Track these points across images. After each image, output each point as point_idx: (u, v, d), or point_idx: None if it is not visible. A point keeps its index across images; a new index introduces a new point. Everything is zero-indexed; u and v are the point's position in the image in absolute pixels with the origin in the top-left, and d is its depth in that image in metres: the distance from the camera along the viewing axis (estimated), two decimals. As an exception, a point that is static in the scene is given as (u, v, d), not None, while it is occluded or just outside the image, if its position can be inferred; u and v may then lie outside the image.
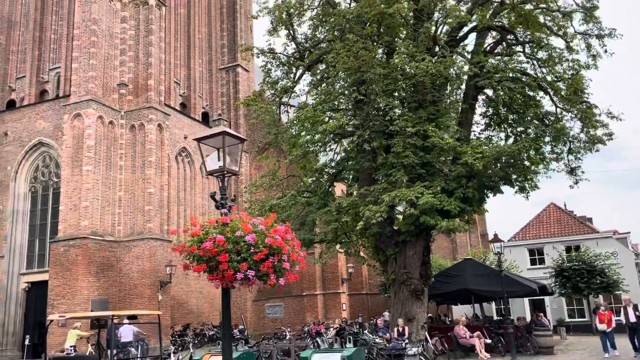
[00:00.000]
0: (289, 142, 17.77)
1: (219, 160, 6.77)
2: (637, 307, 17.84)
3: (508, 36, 17.63)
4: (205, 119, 34.91)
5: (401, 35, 17.00)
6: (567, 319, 29.04)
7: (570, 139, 17.30)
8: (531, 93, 16.87)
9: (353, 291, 35.00)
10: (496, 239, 19.63)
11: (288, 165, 19.35)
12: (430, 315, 21.52)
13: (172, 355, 19.04)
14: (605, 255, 27.35)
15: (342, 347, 14.84)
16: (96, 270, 24.52)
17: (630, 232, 37.56)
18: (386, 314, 24.32)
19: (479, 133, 18.13)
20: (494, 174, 15.64)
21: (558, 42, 17.78)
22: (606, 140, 16.82)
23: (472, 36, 17.74)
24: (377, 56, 16.40)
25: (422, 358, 14.81)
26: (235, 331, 25.05)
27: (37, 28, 31.14)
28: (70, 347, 18.49)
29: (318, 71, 18.21)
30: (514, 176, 16.20)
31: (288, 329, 25.97)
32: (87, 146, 25.22)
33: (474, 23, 16.71)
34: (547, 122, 16.95)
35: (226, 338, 6.46)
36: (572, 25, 16.99)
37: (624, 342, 17.05)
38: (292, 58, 18.70)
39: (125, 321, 18.98)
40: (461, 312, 27.21)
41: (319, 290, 31.90)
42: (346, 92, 16.70)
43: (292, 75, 18.93)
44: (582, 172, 17.60)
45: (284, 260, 5.85)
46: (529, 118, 17.08)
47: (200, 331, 27.89)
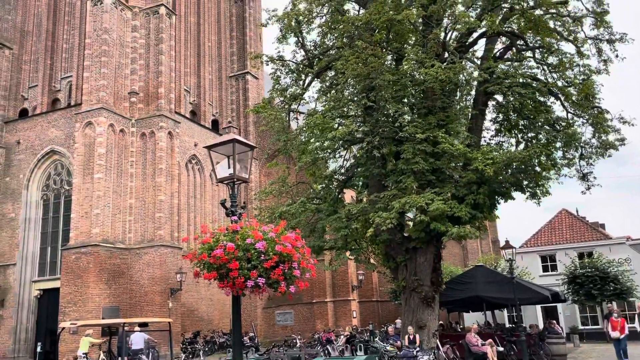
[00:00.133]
0: (299, 149, 17.78)
1: (229, 167, 6.79)
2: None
3: (518, 42, 17.55)
4: (215, 127, 35.08)
5: (410, 41, 16.98)
6: (581, 327, 28.68)
7: (581, 145, 17.13)
8: (542, 98, 16.74)
9: (363, 298, 34.87)
10: (508, 246, 19.47)
11: (297, 172, 19.35)
12: (441, 322, 21.35)
13: (183, 362, 19.04)
14: (618, 261, 27.02)
15: (353, 355, 14.78)
16: (107, 277, 24.64)
17: (643, 238, 37.02)
18: (398, 322, 24.18)
19: (490, 139, 18.02)
20: (505, 180, 15.53)
21: (568, 47, 17.74)
22: (618, 145, 16.65)
23: (482, 42, 17.68)
24: (386, 63, 16.39)
25: (434, 366, 14.69)
26: (245, 339, 25.03)
27: (50, 38, 31.53)
28: (82, 355, 18.58)
29: (327, 78, 18.23)
30: (525, 182, 16.06)
31: (298, 337, 25.90)
32: (99, 154, 25.44)
33: (484, 29, 16.65)
34: (558, 128, 16.81)
35: (237, 345, 6.45)
36: (583, 30, 16.89)
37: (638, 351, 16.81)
38: (301, 65, 18.75)
39: (136, 328, 19.03)
40: (473, 320, 26.97)
41: (329, 297, 31.80)
42: (355, 99, 16.68)
43: (302, 82, 18.97)
44: (594, 178, 17.43)
45: (294, 267, 5.83)
46: (540, 123, 16.95)
47: (210, 338, 27.90)
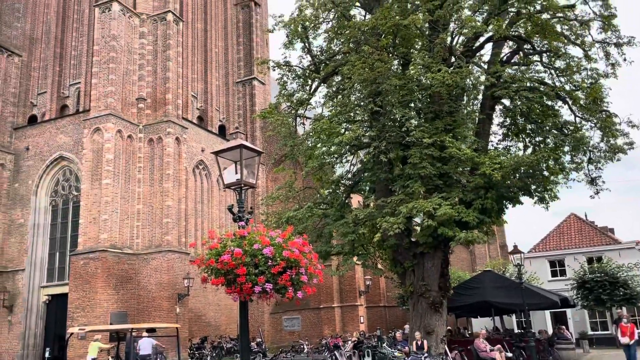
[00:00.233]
0: (305, 154, 17.79)
1: (237, 173, 6.81)
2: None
3: (525, 46, 17.51)
4: (222, 132, 35.20)
5: (417, 46, 16.99)
6: (590, 332, 28.45)
7: (590, 149, 17.03)
8: (549, 102, 16.67)
9: (371, 304, 34.75)
10: (516, 251, 19.38)
11: (304, 177, 19.36)
12: (449, 328, 21.24)
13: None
14: (628, 266, 26.82)
15: (361, 361, 14.75)
16: (115, 282, 24.72)
17: (653, 243, 36.70)
18: (407, 327, 24.08)
19: (497, 143, 17.96)
20: (513, 185, 15.46)
21: (576, 51, 17.60)
22: (627, 149, 16.54)
23: (489, 46, 17.65)
24: (393, 67, 16.40)
25: (442, 372, 14.60)
26: (252, 344, 24.99)
27: (58, 45, 31.81)
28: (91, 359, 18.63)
29: (334, 83, 18.27)
30: (533, 187, 15.97)
31: (306, 342, 25.85)
32: (107, 160, 25.58)
33: (490, 33, 16.62)
34: (566, 132, 16.73)
35: (244, 351, 6.45)
36: (590, 33, 16.82)
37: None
38: (308, 70, 18.79)
39: (144, 334, 19.06)
40: (481, 325, 26.82)
41: (337, 302, 31.72)
42: (362, 104, 16.69)
43: (308, 87, 19.01)
44: (603, 182, 17.30)
45: (302, 273, 5.82)
46: (548, 128, 16.87)
47: (217, 344, 27.88)
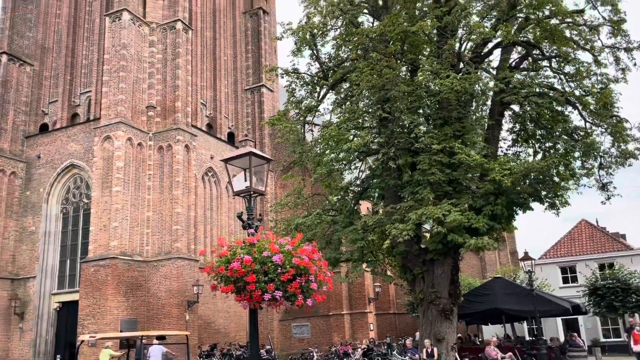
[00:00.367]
0: (314, 161, 17.80)
1: (246, 180, 6.83)
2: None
3: (534, 51, 17.44)
4: (231, 139, 35.34)
5: (425, 52, 16.98)
6: (602, 339, 28.15)
7: (600, 154, 16.89)
8: (559, 108, 16.58)
9: (380, 311, 34.61)
10: (527, 257, 19.24)
11: (313, 183, 19.35)
12: (459, 335, 21.09)
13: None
14: (640, 272, 26.54)
15: (370, 368, 14.67)
16: (125, 290, 24.81)
17: (666, 249, 36.26)
18: (417, 334, 23.95)
19: (507, 149, 17.87)
20: (523, 191, 15.36)
21: (585, 56, 17.53)
22: (638, 154, 16.39)
23: (497, 52, 17.59)
24: (401, 74, 16.39)
25: (453, 380, 14.47)
26: (262, 351, 24.94)
27: (69, 54, 32.15)
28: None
29: (342, 90, 18.29)
30: (544, 192, 15.85)
31: (315, 349, 25.77)
32: (117, 167, 25.75)
33: (499, 39, 16.58)
34: (577, 137, 16.61)
35: (254, 358, 6.44)
36: (600, 38, 16.73)
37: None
38: (316, 77, 18.84)
39: (154, 341, 19.11)
40: (492, 332, 26.59)
41: (346, 309, 31.61)
42: (370, 110, 16.69)
43: (316, 94, 19.04)
44: (614, 188, 17.14)
45: (311, 280, 5.82)
46: (558, 133, 16.77)
47: (227, 351, 27.83)
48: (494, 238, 16.28)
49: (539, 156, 16.96)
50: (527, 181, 15.43)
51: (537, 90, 16.34)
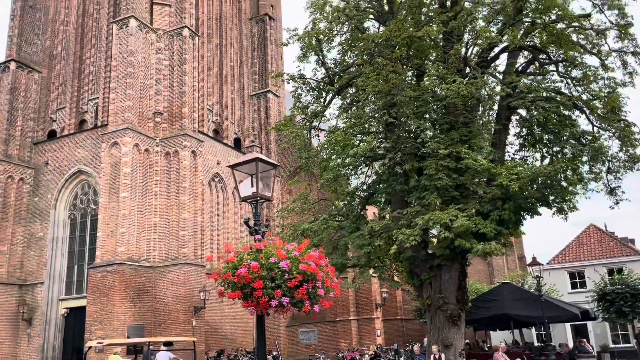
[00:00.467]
0: (320, 166, 17.80)
1: (252, 186, 6.83)
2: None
3: (540, 55, 17.39)
4: (237, 145, 35.44)
5: (431, 57, 16.97)
6: (612, 345, 27.87)
7: (608, 159, 16.80)
8: (566, 112, 16.50)
9: (387, 316, 34.46)
10: (535, 262, 19.12)
11: (319, 189, 19.35)
12: (467, 341, 20.96)
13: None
14: (650, 277, 26.26)
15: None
16: (132, 295, 24.86)
17: (676, 254, 35.95)
18: (425, 340, 23.84)
19: (514, 154, 17.81)
20: (531, 196, 15.28)
21: (592, 60, 17.45)
22: (646, 158, 16.30)
23: (504, 56, 17.56)
24: (407, 79, 16.39)
25: (461, 386, 14.38)
26: (269, 357, 24.89)
27: (77, 61, 32.38)
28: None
29: (348, 95, 18.30)
30: (552, 197, 15.76)
31: (322, 355, 25.69)
32: (124, 173, 25.86)
33: (505, 43, 16.56)
34: (584, 142, 16.53)
35: (261, 365, 6.42)
36: (607, 42, 16.67)
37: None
38: (322, 83, 18.86)
39: (162, 347, 19.11)
40: (500, 338, 26.42)
41: (353, 315, 31.51)
42: (376, 115, 16.67)
43: (322, 99, 19.06)
44: (623, 192, 17.03)
45: (319, 286, 5.80)
46: (565, 138, 16.69)
47: (234, 357, 27.80)
48: (502, 243, 16.18)
49: (547, 161, 16.88)
50: (535, 186, 15.36)
51: (544, 94, 16.28)
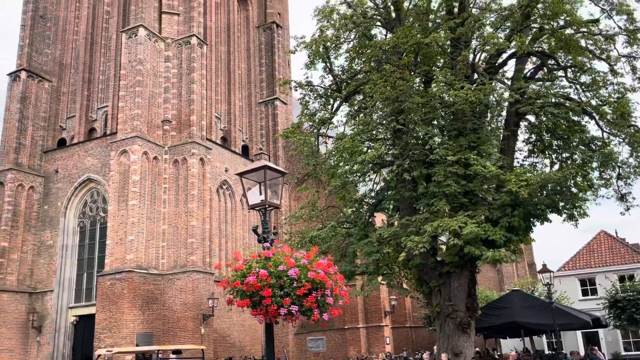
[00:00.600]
0: (328, 173, 17.78)
1: (261, 194, 6.82)
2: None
3: (549, 61, 17.31)
4: (245, 152, 35.53)
5: (438, 64, 16.95)
6: (623, 353, 27.53)
7: (619, 164, 16.65)
8: (576, 118, 16.39)
9: (396, 324, 34.26)
10: (545, 269, 18.94)
11: (327, 196, 19.31)
12: (477, 349, 20.75)
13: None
14: (662, 284, 25.94)
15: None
16: (141, 303, 24.89)
17: (688, 260, 35.50)
18: (435, 349, 23.66)
19: (523, 160, 17.69)
20: (540, 202, 15.15)
21: (601, 66, 17.34)
22: (657, 164, 16.15)
23: (512, 62, 17.49)
24: (415, 85, 16.36)
25: (471, 395, 14.23)
26: (277, 365, 24.81)
27: (87, 70, 32.67)
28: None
29: (355, 102, 18.28)
30: (562, 204, 15.63)
31: (331, 363, 25.54)
32: (133, 181, 25.97)
33: (513, 49, 16.50)
34: (594, 147, 16.39)
35: (270, 374, 6.38)
36: (615, 48, 16.56)
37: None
38: (330, 90, 18.87)
39: (171, 356, 19.12)
40: (510, 346, 26.18)
41: (362, 323, 31.36)
42: (384, 122, 16.65)
43: (330, 106, 19.06)
44: (633, 198, 16.85)
45: (327, 295, 5.77)
46: (575, 143, 16.56)
47: (242, 365, 27.77)
48: (511, 250, 16.04)
49: (556, 167, 16.76)
50: (544, 192, 15.23)
51: (553, 100, 16.19)
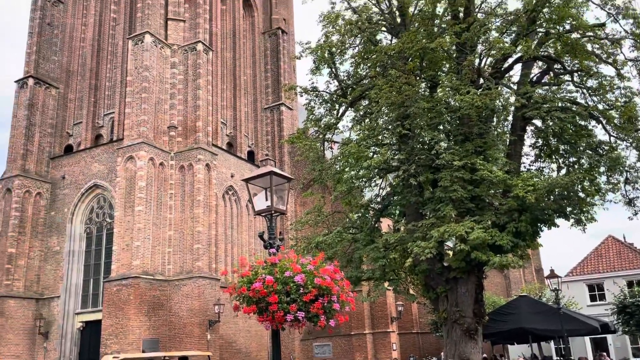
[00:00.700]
0: (334, 178, 17.75)
1: (267, 200, 6.81)
2: None
3: (555, 65, 17.24)
4: (250, 158, 35.58)
5: (444, 68, 16.92)
6: (632, 358, 27.29)
7: (626, 169, 16.53)
8: (582, 122, 16.29)
9: (403, 330, 34.10)
10: (553, 275, 18.82)
11: (333, 201, 19.27)
12: (485, 355, 20.63)
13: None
14: (671, 290, 25.73)
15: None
16: (147, 309, 24.90)
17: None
18: (442, 355, 23.52)
19: (529, 165, 17.60)
20: (547, 207, 15.05)
21: (608, 70, 17.29)
22: (665, 169, 16.02)
23: (518, 67, 17.42)
24: (421, 90, 16.34)
25: (479, 401, 14.11)
26: (283, 371, 24.73)
27: (93, 76, 32.87)
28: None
29: (361, 107, 18.27)
30: (569, 208, 15.51)
31: (337, 369, 25.43)
32: (139, 187, 26.05)
33: (519, 54, 16.46)
34: (601, 152, 16.28)
35: (276, 381, 6.35)
36: (622, 52, 16.46)
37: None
38: (335, 95, 18.87)
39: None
40: (518, 352, 26.01)
41: (368, 329, 31.22)
42: (390, 127, 16.61)
43: (335, 112, 19.05)
44: (642, 203, 16.74)
45: (334, 301, 5.74)
46: (582, 148, 16.46)
47: (248, 371, 27.69)
48: (519, 255, 15.94)
49: (563, 171, 16.66)
50: (552, 197, 15.13)
51: (560, 104, 16.11)
